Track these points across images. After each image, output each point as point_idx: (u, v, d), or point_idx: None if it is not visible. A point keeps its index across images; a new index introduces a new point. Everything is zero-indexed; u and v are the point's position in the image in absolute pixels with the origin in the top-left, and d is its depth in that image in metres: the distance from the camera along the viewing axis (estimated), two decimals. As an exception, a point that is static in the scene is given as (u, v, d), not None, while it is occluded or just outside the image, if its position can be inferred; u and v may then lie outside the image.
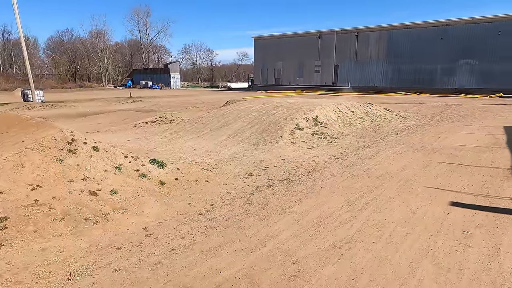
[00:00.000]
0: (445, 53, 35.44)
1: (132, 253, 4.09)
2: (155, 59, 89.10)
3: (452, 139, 11.00)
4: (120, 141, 10.77)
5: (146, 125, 14.84)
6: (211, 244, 4.30)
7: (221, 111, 14.45)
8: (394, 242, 4.31)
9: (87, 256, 4.00)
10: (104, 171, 5.93)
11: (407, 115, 16.76)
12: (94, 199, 5.22)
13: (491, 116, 16.58)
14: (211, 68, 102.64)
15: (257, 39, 50.33)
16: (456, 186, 6.42)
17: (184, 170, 6.99)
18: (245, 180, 7.03)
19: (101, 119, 18.07)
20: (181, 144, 10.65)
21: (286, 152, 9.32)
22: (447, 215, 5.10)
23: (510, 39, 31.91)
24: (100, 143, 6.51)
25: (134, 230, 4.70)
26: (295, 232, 4.61)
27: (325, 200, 5.80)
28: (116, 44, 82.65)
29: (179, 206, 5.55)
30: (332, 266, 3.77)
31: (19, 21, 25.41)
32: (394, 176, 7.09)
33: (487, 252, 4.03)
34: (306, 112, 12.60)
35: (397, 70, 38.63)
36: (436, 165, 7.89)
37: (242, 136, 11.02)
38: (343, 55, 42.29)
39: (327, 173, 7.43)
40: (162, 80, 66.86)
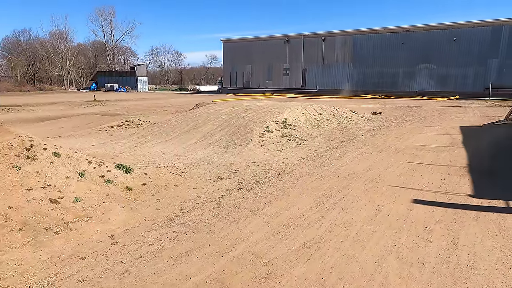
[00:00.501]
0: (406, 57, 37.17)
1: (97, 262, 3.93)
2: (121, 61, 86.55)
3: (414, 139, 11.54)
4: (84, 146, 10.34)
5: (111, 129, 14.35)
6: (181, 250, 4.22)
7: (190, 114, 14.28)
8: (361, 240, 4.44)
9: (48, 268, 3.80)
10: (66, 178, 5.67)
11: (371, 117, 17.38)
12: (55, 208, 4.97)
13: (449, 117, 17.57)
14: (180, 71, 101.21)
15: (226, 42, 50.27)
16: (418, 184, 6.73)
17: (152, 175, 6.82)
18: (215, 183, 6.98)
19: (63, 123, 17.27)
20: (149, 148, 10.40)
21: (256, 155, 9.36)
22: (410, 212, 5.34)
23: (464, 45, 34.07)
24: (62, 148, 6.22)
25: (99, 238, 4.52)
26: (265, 234, 4.64)
27: (295, 201, 5.88)
28: (78, 45, 79.37)
29: (147, 212, 5.40)
30: (302, 266, 3.82)
31: (-30, 19, 23.74)
32: (361, 176, 7.32)
33: (446, 246, 4.25)
34: (275, 114, 12.73)
35: (362, 73, 40.00)
36: (399, 165, 8.24)
37: (211, 139, 10.94)
38: (311, 59, 43.20)
39: (296, 175, 7.53)
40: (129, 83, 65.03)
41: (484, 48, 33.11)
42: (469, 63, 34.02)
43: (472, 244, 4.28)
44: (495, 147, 10.23)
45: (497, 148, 10.08)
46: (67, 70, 73.20)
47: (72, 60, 73.54)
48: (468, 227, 4.78)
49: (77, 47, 77.64)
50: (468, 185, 6.65)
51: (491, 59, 33.02)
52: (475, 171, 7.60)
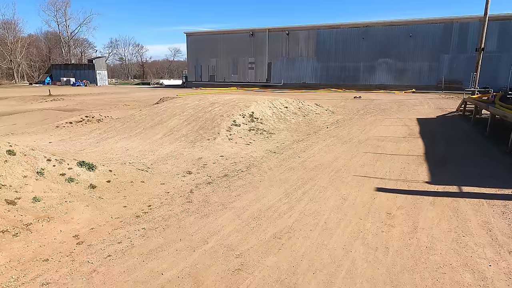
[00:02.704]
0: (367, 52, 38.54)
1: (61, 264, 3.76)
2: (78, 53, 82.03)
3: (375, 131, 12.05)
4: (40, 144, 9.77)
5: (70, 125, 13.65)
6: (151, 246, 4.14)
7: (155, 109, 13.91)
8: (329, 228, 4.60)
9: (6, 272, 3.58)
10: (23, 177, 5.33)
11: (335, 110, 17.90)
12: (12, 209, 4.67)
13: (406, 109, 18.50)
14: (142, 64, 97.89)
15: (190, 35, 49.27)
16: (380, 173, 7.06)
17: (117, 171, 6.60)
18: (184, 178, 6.89)
19: (15, 119, 16.15)
20: (112, 144, 10.03)
21: (224, 149, 9.33)
22: (374, 200, 5.60)
23: (419, 41, 35.90)
24: (16, 146, 5.83)
25: (62, 239, 4.32)
26: (236, 227, 4.67)
27: (264, 194, 5.95)
28: (29, 37, 74.13)
29: (114, 210, 5.23)
30: (273, 256, 3.90)
31: None
32: (327, 167, 7.55)
33: (407, 230, 4.52)
34: (242, 108, 12.74)
35: (325, 68, 40.96)
36: (363, 155, 8.58)
37: (178, 134, 10.75)
38: (276, 53, 43.51)
39: (265, 168, 7.62)
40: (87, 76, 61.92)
41: (437, 44, 35.11)
42: (424, 58, 35.94)
43: (430, 227, 4.58)
44: (447, 137, 10.95)
45: (450, 137, 10.80)
46: (17, 62, 68.29)
47: (22, 52, 68.66)
48: (426, 211, 5.11)
49: (28, 38, 72.52)
50: (425, 173, 7.08)
51: (443, 54, 35.09)
52: (431, 160, 8.09)
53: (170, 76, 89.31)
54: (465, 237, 4.30)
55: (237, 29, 46.07)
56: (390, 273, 3.55)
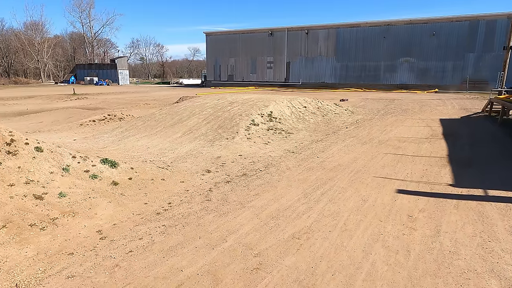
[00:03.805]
0: (387, 51, 37.82)
1: (86, 258, 3.88)
2: (101, 53, 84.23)
3: (396, 131, 11.81)
4: (65, 141, 10.09)
5: (93, 123, 14.04)
6: (171, 243, 4.22)
7: (175, 108, 14.12)
8: (348, 229, 4.55)
9: (34, 264, 3.73)
10: (50, 173, 5.53)
11: (355, 110, 17.65)
12: (39, 204, 4.86)
13: (429, 110, 18.04)
14: (162, 64, 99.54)
15: (209, 35, 49.73)
16: (401, 175, 6.92)
17: (139, 169, 6.74)
18: (203, 177, 6.97)
19: (42, 117, 16.75)
20: (134, 142, 10.25)
21: (243, 148, 9.37)
22: (394, 202, 5.49)
23: (443, 39, 34.91)
24: (44, 143, 6.05)
25: (86, 234, 4.46)
26: (255, 226, 4.68)
27: (283, 193, 5.94)
28: (56, 37, 76.81)
29: (135, 207, 5.35)
30: (292, 256, 3.89)
31: None
32: (346, 168, 7.46)
33: (429, 233, 4.41)
34: (260, 108, 12.75)
35: (345, 67, 40.46)
36: (383, 156, 8.43)
37: (197, 133, 10.87)
38: (294, 52, 43.33)
39: (283, 167, 7.60)
40: (109, 76, 63.53)
41: (462, 42, 34.05)
42: (447, 57, 34.95)
43: (453, 231, 4.46)
44: (472, 138, 10.60)
45: (474, 139, 10.45)
46: (44, 62, 70.83)
47: (49, 52, 71.15)
48: (450, 215, 4.97)
49: (54, 39, 75.14)
50: (448, 175, 6.89)
51: (468, 53, 34.01)
52: (454, 162, 7.86)
53: (189, 75, 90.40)
54: (491, 242, 4.16)
55: (256, 29, 46.16)
56: (411, 277, 3.47)
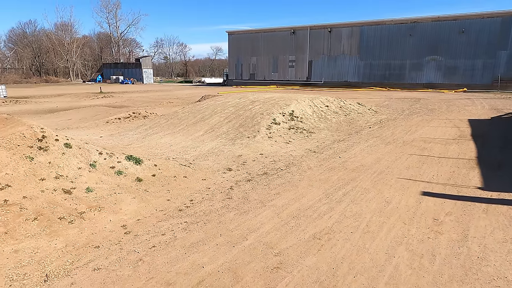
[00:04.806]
0: (413, 49, 36.77)
1: (111, 251, 4.00)
2: (126, 53, 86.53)
3: (422, 132, 11.48)
4: (92, 138, 10.43)
5: (119, 121, 14.44)
6: (193, 240, 4.28)
7: (197, 106, 14.30)
8: (370, 231, 4.47)
9: (63, 256, 3.88)
10: (78, 168, 5.74)
11: (379, 110, 17.28)
12: (68, 198, 5.05)
13: (457, 110, 17.41)
14: (185, 63, 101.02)
15: (231, 34, 50.01)
16: (427, 177, 6.72)
17: (162, 166, 6.88)
18: (224, 175, 7.02)
19: (70, 115, 17.39)
20: (157, 140, 10.46)
21: (264, 147, 9.38)
22: (419, 204, 5.34)
23: (472, 37, 33.56)
24: (73, 139, 6.28)
25: (112, 228, 4.60)
26: (275, 225, 4.68)
27: (304, 193, 5.90)
28: (84, 37, 79.47)
29: (158, 203, 5.47)
30: (313, 256, 3.86)
31: (-23, 11, 23.83)
32: (369, 169, 7.32)
33: (456, 238, 4.27)
34: (282, 107, 12.71)
35: (369, 65, 39.67)
36: (408, 157, 8.22)
37: (219, 131, 10.97)
38: (317, 51, 42.88)
39: (304, 167, 7.55)
40: (134, 74, 65.13)
41: (493, 40, 32.62)
42: (477, 55, 33.58)
43: (482, 236, 4.29)
44: (504, 140, 10.15)
45: (506, 141, 10.00)
46: (73, 62, 73.48)
47: (77, 52, 73.74)
48: (478, 219, 4.78)
49: (83, 39, 77.77)
50: (477, 178, 6.63)
51: (500, 51, 32.54)
52: (484, 164, 7.55)
53: (211, 74, 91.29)
54: (523, 249, 3.97)
55: (278, 27, 46.01)
56: (436, 282, 3.37)
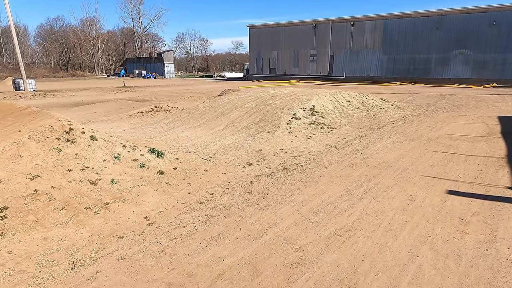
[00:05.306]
0: (440, 43, 35.50)
1: (134, 242, 4.11)
2: (149, 48, 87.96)
3: (447, 128, 11.11)
4: (116, 131, 10.69)
5: (141, 114, 14.73)
6: (213, 233, 4.33)
7: (217, 100, 14.38)
8: (393, 229, 4.38)
9: (89, 245, 4.01)
10: (103, 160, 5.90)
11: (402, 105, 16.84)
12: (93, 189, 5.21)
13: (485, 106, 16.73)
14: (205, 57, 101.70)
15: (252, 28, 49.85)
16: (453, 175, 6.51)
17: (183, 159, 6.98)
18: (244, 169, 7.05)
19: (95, 108, 17.88)
20: (178, 133, 10.61)
21: (284, 142, 9.34)
22: (444, 203, 5.19)
23: (503, 29, 32.03)
24: (98, 132, 6.46)
25: (135, 219, 4.71)
26: (295, 221, 4.66)
27: (324, 189, 5.85)
28: (108, 33, 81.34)
29: (179, 195, 5.56)
30: (333, 253, 3.83)
31: (8, 7, 24.81)
32: (392, 165, 7.16)
33: (484, 239, 4.12)
34: (303, 101, 12.59)
35: (392, 60, 38.65)
36: (432, 155, 7.98)
37: (239, 125, 11.00)
38: (339, 45, 42.14)
39: (325, 163, 7.47)
40: (156, 69, 66.17)
41: (527, 33, 31.02)
42: (509, 48, 32.06)
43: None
44: (537, 138, 9.67)
45: (539, 139, 9.53)
46: (98, 56, 75.40)
47: (102, 47, 75.58)
48: (508, 220, 4.60)
49: (107, 34, 79.61)
50: (507, 177, 6.36)
51: (534, 44, 30.94)
52: (515, 163, 7.23)
53: (231, 69, 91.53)
54: (556, 253, 3.79)
55: (299, 21, 45.46)
56: (462, 284, 3.27)
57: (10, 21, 25.82)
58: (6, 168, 4.92)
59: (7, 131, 5.79)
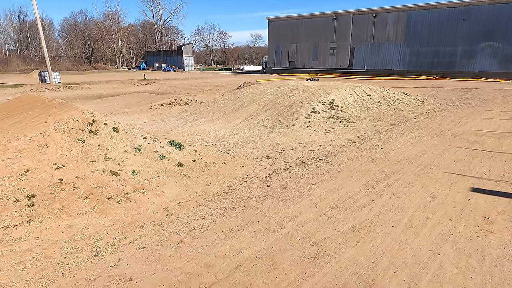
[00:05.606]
0: (467, 35, 34.18)
1: (154, 231, 4.20)
2: (168, 41, 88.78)
3: (473, 124, 10.74)
4: (137, 123, 10.90)
5: (161, 107, 14.94)
6: (231, 225, 4.37)
7: (236, 93, 14.40)
8: (413, 226, 4.29)
9: (111, 233, 4.13)
10: (124, 152, 6.04)
11: (425, 100, 16.38)
12: (115, 179, 5.34)
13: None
14: (224, 50, 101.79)
15: (271, 20, 49.45)
16: (477, 172, 6.30)
17: (202, 152, 7.05)
18: (262, 163, 7.06)
19: (117, 101, 18.27)
20: (197, 126, 10.71)
21: (302, 136, 9.28)
22: (468, 201, 5.04)
23: (537, 20, 30.49)
24: (119, 124, 6.60)
25: (155, 209, 4.81)
26: (313, 215, 4.64)
27: (343, 184, 5.79)
28: (129, 26, 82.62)
29: (198, 187, 5.63)
30: (351, 248, 3.80)
31: (35, 2, 25.54)
32: (413, 161, 7.00)
33: (509, 238, 3.98)
34: (322, 95, 12.44)
35: (415, 52, 37.56)
36: (456, 151, 7.74)
37: (257, 119, 11.00)
38: (360, 37, 41.27)
39: (344, 157, 7.38)
40: (176, 62, 66.79)
41: (562, 24, 29.43)
42: (541, 40, 30.52)
43: (540, 239, 3.96)
44: None
45: None
46: (119, 50, 76.78)
47: (123, 40, 76.88)
48: (536, 220, 4.42)
49: (128, 28, 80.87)
50: (536, 175, 6.11)
51: None
52: (544, 161, 6.93)
53: (250, 62, 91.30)
54: None
55: (319, 13, 44.74)
56: (485, 284, 3.18)
57: (37, 15, 26.59)
58: (34, 157, 5.11)
59: (34, 122, 6.01)
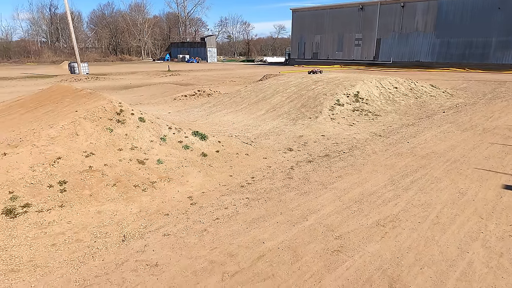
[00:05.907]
0: (502, 25, 32.41)
1: (179, 220, 4.29)
2: (192, 32, 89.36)
3: (506, 119, 10.24)
4: (161, 113, 11.09)
5: (185, 98, 15.13)
6: (254, 216, 4.40)
7: (259, 85, 14.36)
8: (441, 223, 4.17)
9: (138, 220, 4.26)
10: (150, 141, 6.17)
11: (455, 93, 15.74)
12: (141, 168, 5.48)
13: (552, 95, 15.16)
14: (247, 42, 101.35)
15: (295, 11, 48.70)
16: (510, 169, 6.02)
17: (225, 143, 7.10)
18: (285, 155, 7.04)
19: (142, 91, 18.65)
20: (220, 117, 10.79)
21: (326, 128, 9.16)
22: (500, 199, 4.84)
23: None
24: (145, 114, 6.74)
25: (179, 198, 4.91)
26: (336, 208, 4.60)
27: (367, 178, 5.69)
28: (154, 18, 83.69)
29: (221, 178, 5.69)
30: (376, 243, 3.74)
31: (65, -5, 26.26)
32: (441, 156, 6.77)
33: (545, 239, 3.80)
34: (346, 87, 12.20)
35: (446, 43, 36.04)
36: (488, 146, 7.42)
37: (280, 111, 10.94)
38: (387, 28, 40.00)
39: (368, 151, 7.24)
40: (199, 53, 67.21)
41: None
42: None
43: None
44: None
45: None
46: (144, 41, 78.05)
47: (148, 32, 78.03)
48: None
49: (153, 19, 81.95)
50: None
51: None
52: None
53: (273, 53, 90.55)
54: None
55: (345, 3, 43.61)
56: (518, 285, 3.06)
57: (67, 8, 27.37)
58: (65, 145, 5.31)
59: (65, 111, 6.23)
